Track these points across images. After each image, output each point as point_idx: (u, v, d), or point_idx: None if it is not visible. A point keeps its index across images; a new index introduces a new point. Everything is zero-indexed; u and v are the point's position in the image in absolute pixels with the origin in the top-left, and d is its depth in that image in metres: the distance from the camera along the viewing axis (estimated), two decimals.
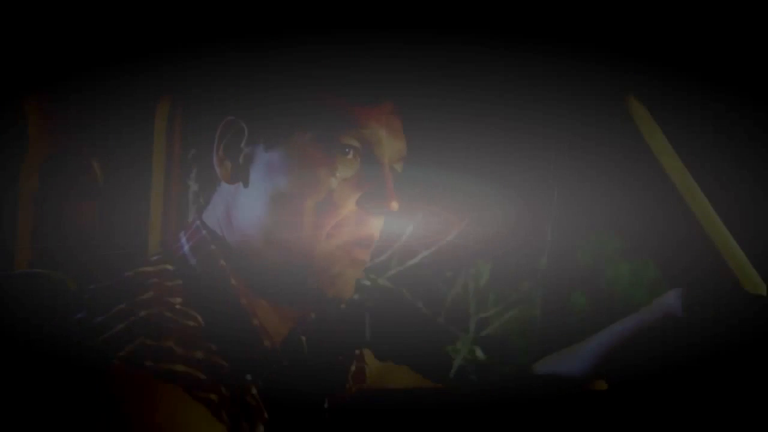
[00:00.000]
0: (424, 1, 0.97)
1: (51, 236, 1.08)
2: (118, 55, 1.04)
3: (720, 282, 0.93)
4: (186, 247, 0.79)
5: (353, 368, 0.89)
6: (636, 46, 1.03)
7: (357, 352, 0.92)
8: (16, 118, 1.05)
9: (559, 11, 0.96)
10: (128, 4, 0.96)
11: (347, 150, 0.77)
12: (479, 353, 3.29)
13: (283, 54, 0.82)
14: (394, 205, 0.77)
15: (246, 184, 0.79)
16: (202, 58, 1.00)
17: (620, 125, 1.01)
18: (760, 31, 0.96)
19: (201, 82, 1.04)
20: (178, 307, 0.72)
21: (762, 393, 0.77)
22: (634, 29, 1.00)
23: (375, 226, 0.79)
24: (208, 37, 0.98)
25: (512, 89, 1.06)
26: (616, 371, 0.86)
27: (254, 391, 0.73)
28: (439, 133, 1.19)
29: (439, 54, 1.03)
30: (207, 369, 0.69)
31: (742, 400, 0.78)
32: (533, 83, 1.06)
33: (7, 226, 1.05)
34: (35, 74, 1.05)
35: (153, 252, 1.07)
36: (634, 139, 1.01)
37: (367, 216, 0.78)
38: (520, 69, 1.04)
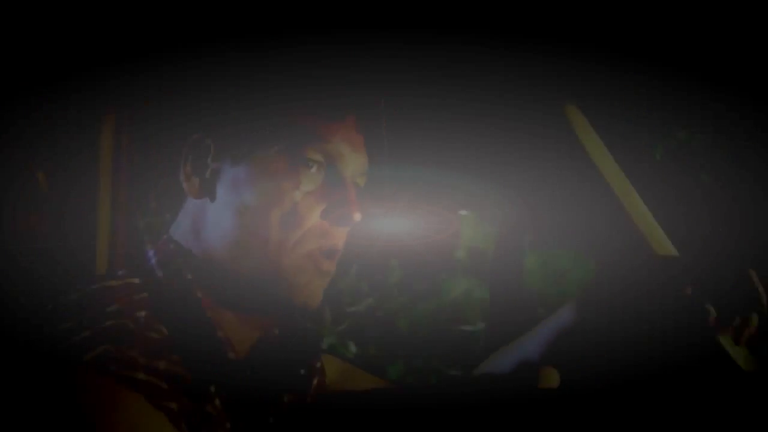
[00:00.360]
0: (422, 1, 0.97)
1: None
2: (66, 66, 1.03)
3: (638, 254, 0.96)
4: (153, 260, 0.81)
5: (315, 381, 0.90)
6: (636, 46, 1.03)
7: (318, 365, 0.92)
8: None
9: (559, 11, 0.96)
10: (78, 17, 0.95)
11: (311, 164, 0.79)
12: (352, 348, 3.32)
13: (245, 69, 0.83)
14: (357, 216, 0.79)
15: (213, 199, 0.81)
16: (161, 71, 0.99)
17: (555, 129, 1.03)
18: (760, 31, 0.96)
19: (157, 97, 1.03)
20: (142, 320, 0.74)
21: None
22: (635, 29, 1.00)
23: (339, 237, 0.81)
24: (170, 50, 0.97)
25: (512, 89, 1.06)
26: (560, 366, 0.89)
27: (217, 402, 0.74)
28: (439, 133, 1.19)
29: (438, 54, 1.03)
30: (169, 379, 0.71)
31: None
32: (533, 83, 1.06)
33: None
34: None
35: (101, 266, 1.07)
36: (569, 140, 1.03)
37: (331, 228, 0.80)
38: (520, 69, 1.04)
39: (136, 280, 0.78)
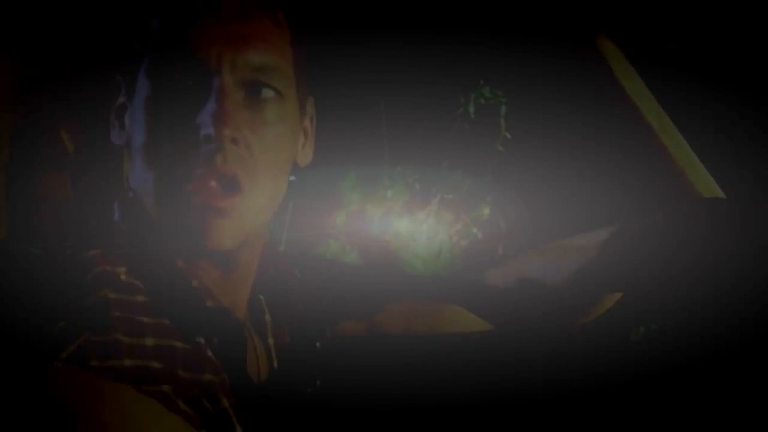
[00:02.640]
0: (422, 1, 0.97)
1: (24, 209, 1.06)
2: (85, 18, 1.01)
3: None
4: (117, 214, 0.75)
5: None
6: (636, 45, 1.03)
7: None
8: None
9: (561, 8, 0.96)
10: None
11: (187, 82, 0.68)
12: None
13: None
14: (226, 132, 0.65)
15: (128, 144, 0.73)
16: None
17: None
18: (760, 31, 0.96)
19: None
20: (123, 278, 0.68)
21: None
22: (635, 29, 1.00)
23: (230, 162, 0.67)
24: None
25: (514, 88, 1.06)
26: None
27: (210, 353, 0.69)
28: (441, 132, 1.19)
29: (439, 54, 1.03)
30: (159, 355, 0.65)
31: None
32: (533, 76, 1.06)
33: None
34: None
35: None
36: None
37: (208, 153, 0.66)
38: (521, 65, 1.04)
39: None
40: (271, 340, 0.79)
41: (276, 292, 0.82)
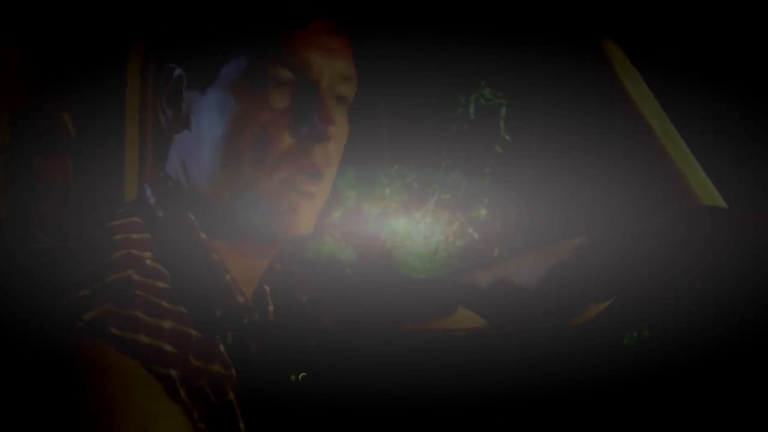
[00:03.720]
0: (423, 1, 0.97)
1: (23, 191, 1.06)
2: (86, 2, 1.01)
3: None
4: (152, 200, 0.77)
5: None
6: (638, 46, 1.03)
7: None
8: None
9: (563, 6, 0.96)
10: None
11: (278, 81, 0.74)
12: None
13: None
14: (331, 130, 0.73)
15: (190, 131, 0.77)
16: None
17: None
18: (760, 31, 0.96)
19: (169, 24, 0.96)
20: (148, 263, 0.71)
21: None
22: (637, 30, 1.00)
23: (318, 153, 0.74)
24: None
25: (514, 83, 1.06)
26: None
27: (222, 348, 0.72)
28: (440, 133, 1.19)
29: (438, 54, 1.03)
30: (174, 340, 0.68)
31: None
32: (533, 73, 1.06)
33: None
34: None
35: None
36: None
37: (306, 144, 0.74)
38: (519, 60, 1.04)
39: (138, 219, 0.75)
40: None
41: (281, 284, 0.85)
